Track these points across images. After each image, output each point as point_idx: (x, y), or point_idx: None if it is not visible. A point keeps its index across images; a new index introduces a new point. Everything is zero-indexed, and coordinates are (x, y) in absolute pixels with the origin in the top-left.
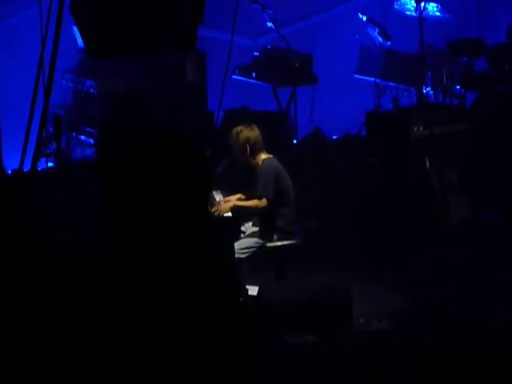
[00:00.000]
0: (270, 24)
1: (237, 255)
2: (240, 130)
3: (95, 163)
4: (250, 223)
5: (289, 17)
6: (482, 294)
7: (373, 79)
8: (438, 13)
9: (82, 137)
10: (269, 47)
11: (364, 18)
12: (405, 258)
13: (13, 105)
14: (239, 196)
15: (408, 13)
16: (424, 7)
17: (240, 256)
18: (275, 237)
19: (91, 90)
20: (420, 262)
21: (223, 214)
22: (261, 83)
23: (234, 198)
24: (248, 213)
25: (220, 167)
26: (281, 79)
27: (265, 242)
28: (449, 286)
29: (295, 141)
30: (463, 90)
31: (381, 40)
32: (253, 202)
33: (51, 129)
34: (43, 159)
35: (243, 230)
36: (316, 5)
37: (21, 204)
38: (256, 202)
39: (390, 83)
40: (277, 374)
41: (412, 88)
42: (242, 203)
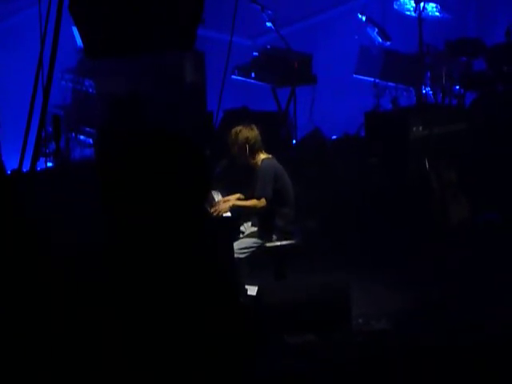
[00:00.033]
0: (270, 24)
1: (236, 255)
2: (239, 130)
3: (94, 163)
4: (250, 223)
5: (288, 17)
6: (482, 294)
7: (372, 79)
8: (438, 13)
9: (82, 137)
10: (268, 47)
11: (363, 18)
12: (404, 258)
13: (12, 105)
14: (238, 196)
15: (407, 13)
16: (423, 7)
17: (239, 256)
18: (274, 237)
19: (90, 90)
20: (419, 262)
21: (222, 214)
22: (260, 83)
23: (233, 198)
24: (247, 213)
25: (219, 167)
26: (280, 79)
27: (264, 242)
28: (448, 286)
29: (294, 141)
30: (462, 90)
31: (380, 40)
32: (252, 202)
33: (50, 129)
34: (42, 159)
35: (242, 230)
36: (315, 5)
37: (20, 204)
38: (255, 202)
39: (390, 83)
40: (276, 374)
41: (411, 88)
42: (241, 203)
